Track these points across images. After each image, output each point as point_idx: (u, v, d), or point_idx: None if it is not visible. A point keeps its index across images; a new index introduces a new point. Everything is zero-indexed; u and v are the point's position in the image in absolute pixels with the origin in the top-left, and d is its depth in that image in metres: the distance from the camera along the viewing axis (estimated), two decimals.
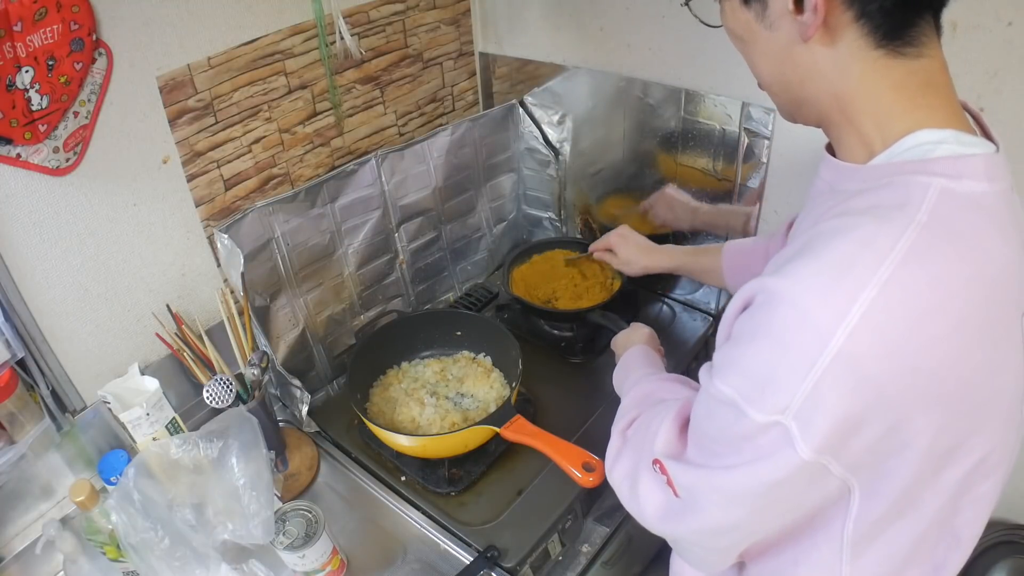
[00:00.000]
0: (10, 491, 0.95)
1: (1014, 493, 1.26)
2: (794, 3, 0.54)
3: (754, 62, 0.63)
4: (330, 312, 1.23)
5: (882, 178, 0.54)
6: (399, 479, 1.08)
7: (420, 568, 0.96)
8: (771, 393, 0.50)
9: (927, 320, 0.48)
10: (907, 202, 0.51)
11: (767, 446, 0.52)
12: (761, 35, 0.59)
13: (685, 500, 0.61)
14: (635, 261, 1.21)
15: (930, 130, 0.54)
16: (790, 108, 0.64)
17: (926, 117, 0.55)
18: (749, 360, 0.53)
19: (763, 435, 0.52)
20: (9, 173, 0.85)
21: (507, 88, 1.46)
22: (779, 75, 0.61)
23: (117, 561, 0.89)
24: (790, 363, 0.49)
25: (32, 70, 0.80)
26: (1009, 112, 0.90)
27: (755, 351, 0.52)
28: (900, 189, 0.52)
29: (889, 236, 0.49)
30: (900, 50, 0.54)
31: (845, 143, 0.60)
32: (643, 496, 0.66)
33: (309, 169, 1.22)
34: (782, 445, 0.51)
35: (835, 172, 0.60)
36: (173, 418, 1.01)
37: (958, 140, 0.54)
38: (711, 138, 1.19)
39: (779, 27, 0.57)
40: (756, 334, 0.52)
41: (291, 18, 1.09)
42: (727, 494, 0.56)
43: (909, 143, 0.54)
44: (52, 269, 0.93)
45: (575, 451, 0.92)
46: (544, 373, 1.24)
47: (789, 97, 0.62)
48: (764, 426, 0.51)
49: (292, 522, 0.90)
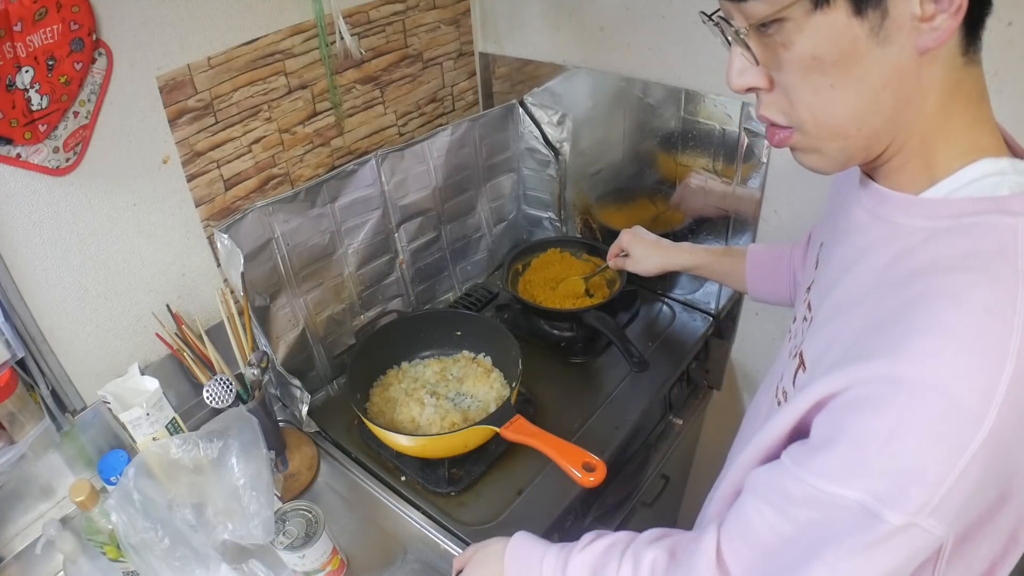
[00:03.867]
0: (10, 491, 0.95)
1: None
2: (921, 4, 0.46)
3: (833, 97, 0.51)
4: (330, 312, 1.23)
5: (954, 217, 0.50)
6: (399, 479, 1.08)
7: (420, 568, 0.96)
8: (916, 489, 0.46)
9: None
10: (1003, 250, 0.47)
11: (899, 546, 0.48)
12: (868, 55, 0.48)
13: None
14: (651, 258, 1.16)
15: (990, 160, 0.51)
16: (856, 150, 0.54)
17: (984, 135, 0.52)
18: (888, 459, 0.47)
19: (897, 537, 0.48)
20: (9, 173, 0.85)
21: (507, 88, 1.46)
22: (870, 105, 0.50)
23: (117, 561, 0.89)
24: (941, 455, 0.46)
25: (32, 70, 0.80)
26: (1009, 112, 0.89)
27: (896, 447, 0.47)
28: (987, 234, 0.48)
29: (1005, 297, 0.46)
30: (974, 57, 0.50)
31: (906, 171, 0.54)
32: None
33: (309, 169, 1.22)
34: (915, 540, 0.48)
35: (883, 202, 0.55)
36: (173, 418, 1.01)
37: (1016, 170, 0.51)
38: (711, 138, 1.19)
39: (894, 41, 0.47)
40: (896, 430, 0.47)
41: (291, 18, 1.09)
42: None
43: (971, 175, 0.51)
44: (52, 269, 0.93)
45: (575, 451, 0.92)
46: (544, 373, 1.24)
47: (867, 134, 0.52)
48: (900, 528, 0.47)
49: (292, 522, 0.90)
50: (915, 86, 0.50)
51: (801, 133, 0.54)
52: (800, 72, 0.51)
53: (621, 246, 1.21)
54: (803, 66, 0.50)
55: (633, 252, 1.19)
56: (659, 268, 1.16)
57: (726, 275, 1.10)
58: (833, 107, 0.51)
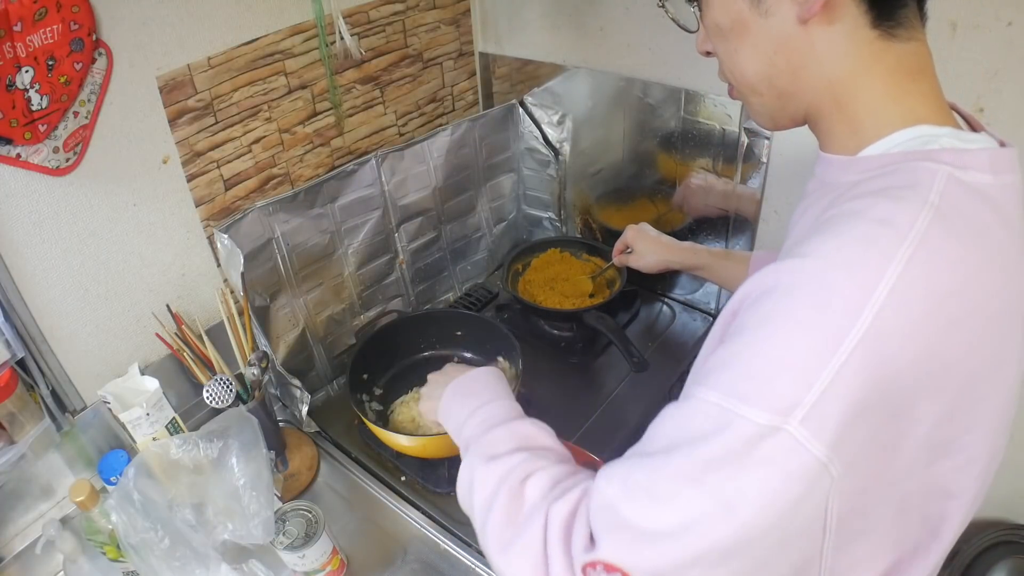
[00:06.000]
0: (10, 491, 0.95)
1: (1014, 493, 1.26)
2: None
3: (739, 59, 0.60)
4: (330, 312, 1.23)
5: (885, 167, 0.53)
6: (399, 479, 1.08)
7: (420, 568, 0.96)
8: (781, 386, 0.44)
9: (947, 302, 0.46)
10: (917, 184, 0.49)
11: (770, 458, 0.44)
12: (754, 25, 0.57)
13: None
14: (653, 254, 1.17)
15: (929, 126, 0.54)
16: (774, 107, 0.61)
17: (919, 105, 0.54)
18: (754, 353, 0.46)
19: (765, 444, 0.43)
20: (9, 173, 0.85)
21: (507, 88, 1.46)
22: (769, 68, 0.58)
23: (117, 561, 0.89)
24: (811, 347, 0.43)
25: (32, 70, 0.80)
26: (1009, 112, 0.90)
27: (764, 340, 0.46)
28: (908, 174, 0.50)
29: (907, 214, 0.47)
30: (893, 32, 0.54)
31: (835, 134, 0.58)
32: None
33: (309, 169, 1.22)
34: (788, 454, 0.43)
35: (826, 166, 0.59)
36: (173, 418, 1.01)
37: (957, 136, 0.53)
38: (711, 138, 1.19)
39: (775, 12, 0.55)
40: (767, 321, 0.46)
41: (291, 18, 1.09)
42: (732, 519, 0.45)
43: (907, 135, 0.54)
44: (52, 269, 0.93)
45: (575, 451, 0.91)
46: (544, 373, 1.24)
47: (776, 93, 0.60)
48: (764, 431, 0.43)
49: (292, 522, 0.90)
50: (809, 52, 0.55)
51: (736, 89, 0.64)
52: (714, 39, 0.61)
53: (626, 241, 1.22)
54: (713, 34, 0.61)
55: (637, 247, 1.20)
56: (661, 264, 1.17)
57: (727, 279, 1.10)
58: (741, 68, 0.60)
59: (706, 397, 0.47)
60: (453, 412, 0.77)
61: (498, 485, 0.61)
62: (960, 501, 0.55)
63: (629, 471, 0.51)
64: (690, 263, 1.14)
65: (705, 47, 0.65)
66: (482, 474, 0.63)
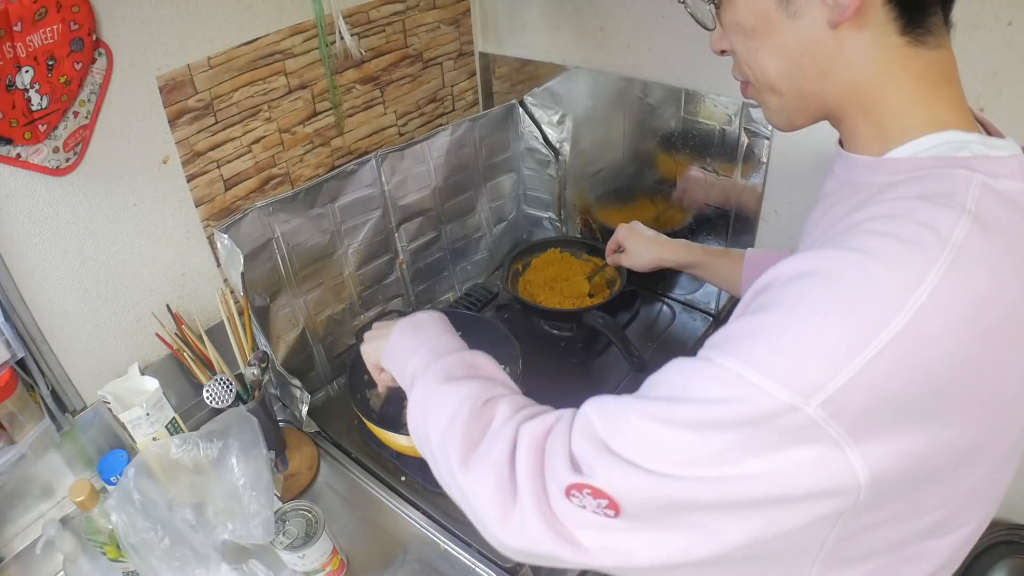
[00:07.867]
0: (10, 491, 0.95)
1: (1014, 493, 1.26)
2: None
3: (761, 59, 0.59)
4: (330, 312, 1.23)
5: (917, 170, 0.52)
6: (399, 479, 1.08)
7: (420, 568, 0.96)
8: (808, 368, 0.43)
9: (984, 309, 0.45)
10: (954, 191, 0.48)
11: (782, 430, 0.44)
12: (780, 26, 0.56)
13: (635, 514, 0.49)
14: (645, 252, 1.16)
15: (956, 132, 0.53)
16: (794, 107, 0.61)
17: (946, 112, 0.54)
18: (784, 330, 0.46)
19: (777, 419, 0.44)
20: (9, 173, 0.85)
21: (507, 88, 1.46)
22: (793, 69, 0.58)
23: (117, 561, 0.89)
24: (846, 335, 0.43)
25: (32, 70, 0.80)
26: (1009, 112, 0.90)
27: (799, 321, 0.45)
28: (943, 181, 0.50)
29: (948, 221, 0.46)
30: (922, 39, 0.54)
31: (859, 135, 0.58)
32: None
33: (309, 169, 1.22)
34: (805, 433, 0.43)
35: (851, 167, 0.58)
36: (173, 418, 1.01)
37: (985, 143, 0.53)
38: (711, 138, 1.19)
39: (804, 14, 0.55)
40: (802, 302, 0.46)
41: (291, 18, 1.09)
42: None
43: (935, 140, 0.53)
44: (52, 269, 0.93)
45: None
46: (544, 373, 1.24)
47: (799, 94, 0.59)
48: (783, 408, 0.44)
49: (292, 522, 0.90)
50: (836, 56, 0.55)
51: (752, 88, 0.64)
52: (736, 37, 0.61)
53: (618, 240, 1.22)
54: (735, 32, 0.60)
55: (628, 246, 1.19)
56: (653, 263, 1.16)
57: (721, 277, 1.09)
58: (762, 67, 0.60)
59: (723, 363, 0.47)
60: (400, 349, 0.77)
61: (459, 404, 0.62)
62: (984, 500, 0.57)
63: (621, 408, 0.53)
64: (683, 260, 1.13)
65: (721, 45, 0.64)
66: (438, 394, 0.64)
